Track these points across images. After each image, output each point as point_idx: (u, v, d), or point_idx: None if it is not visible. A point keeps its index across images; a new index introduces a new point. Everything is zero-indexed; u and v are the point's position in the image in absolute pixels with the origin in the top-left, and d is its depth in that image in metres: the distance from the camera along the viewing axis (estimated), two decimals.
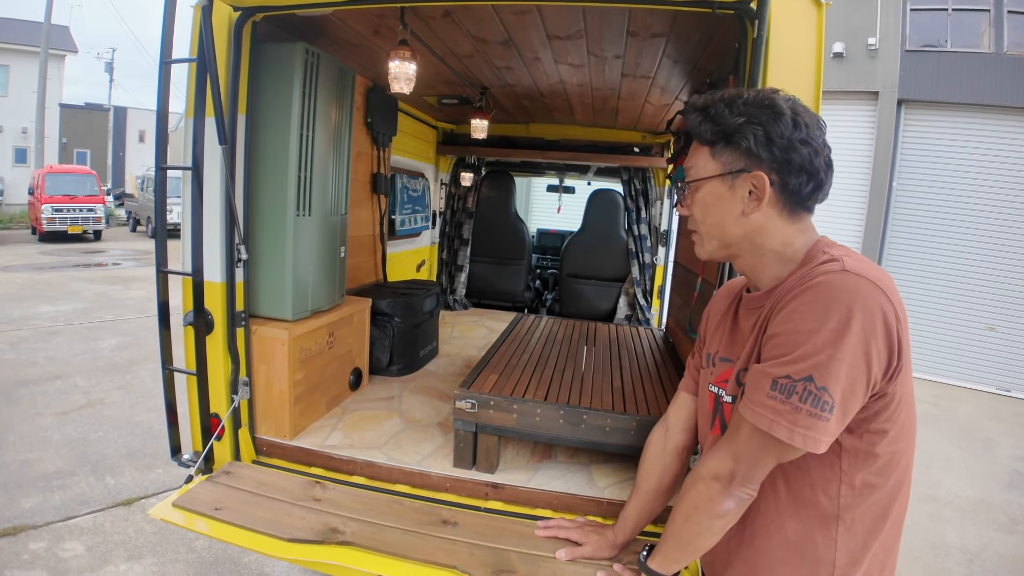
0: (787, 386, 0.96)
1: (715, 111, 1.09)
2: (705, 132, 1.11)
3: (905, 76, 8.32)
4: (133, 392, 5.17)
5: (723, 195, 1.11)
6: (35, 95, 19.77)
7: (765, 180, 1.06)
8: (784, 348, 0.98)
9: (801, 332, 0.96)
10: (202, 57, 1.79)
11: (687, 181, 1.18)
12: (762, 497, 1.11)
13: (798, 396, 0.95)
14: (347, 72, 2.50)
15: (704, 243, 1.19)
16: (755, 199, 1.09)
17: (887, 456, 1.02)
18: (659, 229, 4.57)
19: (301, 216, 2.23)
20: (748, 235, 1.11)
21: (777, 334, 1.01)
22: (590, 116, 3.95)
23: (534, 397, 2.11)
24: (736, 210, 1.11)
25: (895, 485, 1.05)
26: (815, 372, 0.94)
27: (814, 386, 0.93)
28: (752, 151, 1.06)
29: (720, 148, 1.10)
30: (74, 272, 10.97)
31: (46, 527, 3.17)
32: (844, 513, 1.03)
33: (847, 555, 1.05)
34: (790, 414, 0.96)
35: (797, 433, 0.96)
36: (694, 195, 1.17)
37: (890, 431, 1.01)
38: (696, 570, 1.60)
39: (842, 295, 0.94)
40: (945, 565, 3.50)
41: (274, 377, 2.21)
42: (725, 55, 2.14)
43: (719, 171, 1.11)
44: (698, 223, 1.18)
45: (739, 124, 1.06)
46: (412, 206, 3.99)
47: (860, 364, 0.93)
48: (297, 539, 1.64)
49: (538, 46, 2.44)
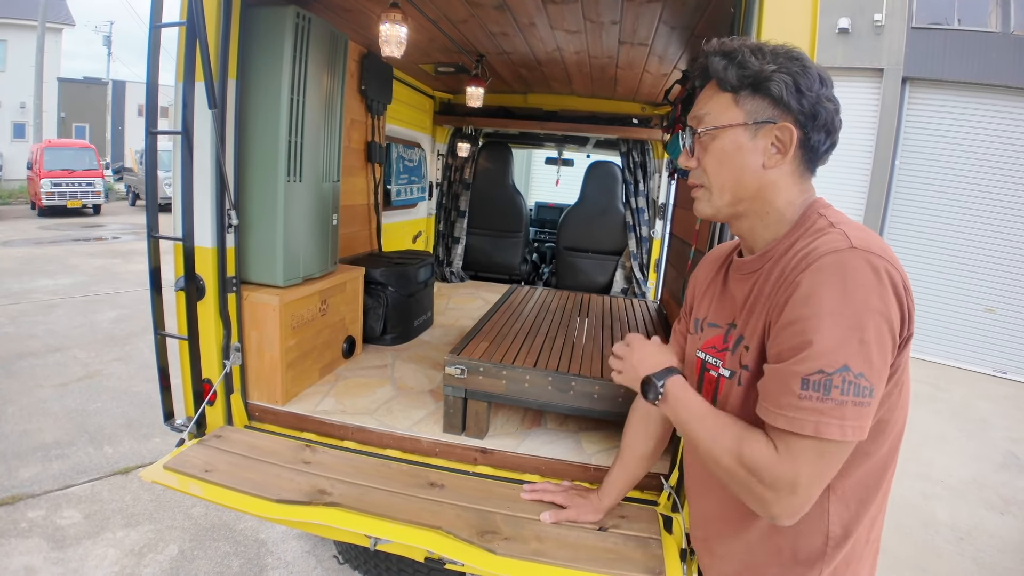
0: (822, 382, 0.90)
1: (742, 56, 1.03)
2: (731, 77, 1.04)
3: (910, 53, 8.22)
4: (131, 364, 5.20)
5: (744, 145, 1.05)
6: (33, 69, 19.64)
7: (793, 132, 1.02)
8: (804, 337, 0.93)
9: (823, 318, 0.91)
10: (191, 21, 1.76)
11: (704, 128, 1.08)
12: None
13: (839, 390, 0.90)
14: (339, 37, 2.47)
15: (713, 197, 1.11)
16: (778, 152, 1.04)
17: (883, 423, 1.01)
18: (657, 202, 4.54)
19: (292, 182, 2.22)
20: (760, 190, 1.07)
21: (793, 322, 0.95)
22: (588, 86, 3.91)
23: (524, 364, 2.11)
24: (756, 162, 1.05)
25: (888, 453, 1.04)
26: (850, 360, 0.89)
27: (851, 375, 0.89)
28: (783, 100, 1.01)
29: (746, 95, 1.04)
30: (73, 246, 10.97)
31: (44, 496, 3.20)
32: (836, 482, 1.02)
33: (840, 526, 1.05)
34: (836, 410, 0.90)
35: (848, 427, 0.90)
36: (710, 144, 1.08)
37: (892, 397, 1.00)
38: (680, 538, 1.61)
39: (858, 275, 0.91)
40: (935, 543, 3.52)
41: (266, 343, 2.21)
42: (722, 21, 2.10)
43: (742, 119, 1.04)
44: (710, 175, 1.10)
45: (770, 71, 1.01)
46: (408, 176, 3.97)
47: (886, 341, 0.91)
48: (285, 500, 1.65)
49: (533, 11, 2.41)
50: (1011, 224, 7.76)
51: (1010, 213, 7.76)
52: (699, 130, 1.09)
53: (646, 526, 1.65)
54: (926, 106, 8.28)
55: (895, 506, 3.82)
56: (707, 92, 1.09)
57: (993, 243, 7.88)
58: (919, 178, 8.30)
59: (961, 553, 3.45)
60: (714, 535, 1.24)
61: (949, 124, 8.14)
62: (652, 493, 1.85)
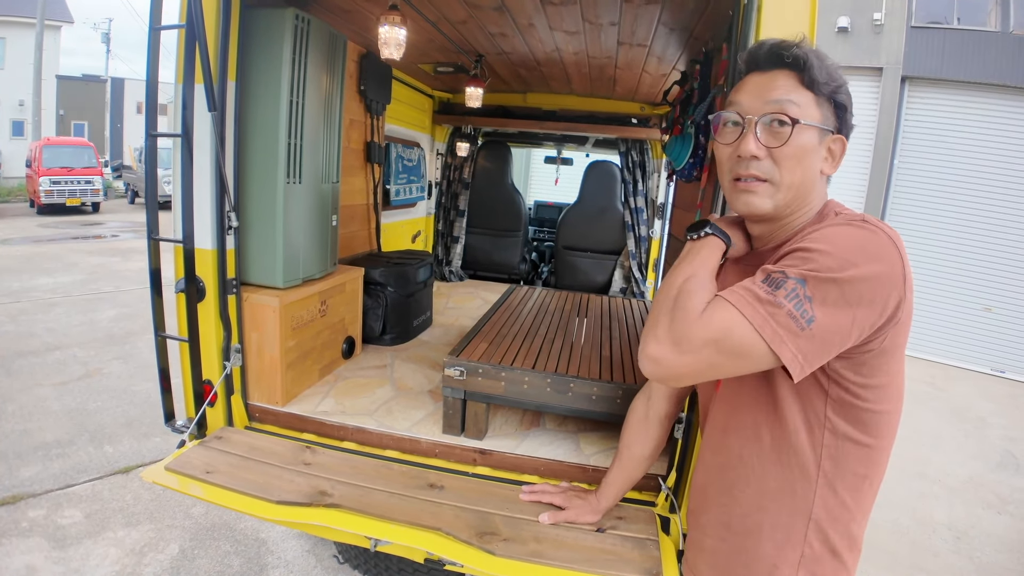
0: (778, 280, 0.92)
1: (828, 61, 1.03)
2: (821, 77, 1.02)
3: (910, 52, 8.22)
4: (131, 362, 5.21)
5: (816, 149, 1.04)
6: (32, 67, 19.58)
7: (845, 146, 1.06)
8: (789, 259, 0.96)
9: (814, 250, 0.93)
10: (191, 23, 1.77)
11: (801, 120, 1.02)
12: (744, 444, 1.11)
13: (784, 292, 0.91)
14: (338, 38, 2.47)
15: (779, 194, 1.06)
16: (831, 161, 1.07)
17: (873, 415, 1.01)
18: (655, 202, 4.55)
19: (291, 183, 2.22)
20: (810, 194, 1.08)
21: (788, 252, 0.98)
22: (587, 86, 3.91)
23: (523, 365, 2.12)
24: (817, 168, 1.06)
25: (879, 450, 1.05)
26: (809, 279, 0.90)
27: (803, 290, 0.90)
28: (844, 115, 1.05)
29: (823, 100, 1.04)
30: (72, 244, 10.98)
31: (45, 495, 3.22)
32: (825, 464, 1.03)
33: (824, 510, 1.05)
34: (769, 306, 0.91)
35: (768, 327, 0.91)
36: (795, 138, 1.02)
37: (878, 386, 1.00)
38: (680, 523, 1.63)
39: (875, 237, 0.93)
40: (932, 542, 3.54)
41: (266, 344, 2.22)
42: (720, 22, 2.11)
43: (821, 122, 1.04)
44: (783, 170, 1.04)
45: (843, 84, 1.04)
46: (407, 176, 3.97)
47: (867, 301, 0.90)
48: (286, 501, 1.66)
49: (532, 12, 2.41)
50: (1009, 223, 7.77)
51: (1008, 212, 7.77)
52: (796, 118, 1.02)
53: (644, 527, 1.67)
54: (925, 105, 8.29)
55: (892, 505, 3.83)
56: (787, 81, 1.04)
57: (991, 242, 7.89)
58: (918, 177, 8.31)
59: (958, 552, 3.46)
60: (699, 508, 1.26)
61: (948, 123, 8.14)
62: (650, 494, 1.87)
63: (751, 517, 1.11)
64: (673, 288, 1.03)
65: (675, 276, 1.06)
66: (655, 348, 0.97)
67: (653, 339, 0.98)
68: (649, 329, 1.01)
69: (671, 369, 0.97)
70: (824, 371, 0.99)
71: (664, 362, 0.96)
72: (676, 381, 0.98)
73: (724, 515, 1.16)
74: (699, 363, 0.95)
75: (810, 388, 1.01)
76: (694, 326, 0.94)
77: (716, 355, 0.94)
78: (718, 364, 0.95)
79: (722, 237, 1.14)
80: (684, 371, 0.97)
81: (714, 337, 0.93)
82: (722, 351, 0.93)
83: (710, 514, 1.20)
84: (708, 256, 1.10)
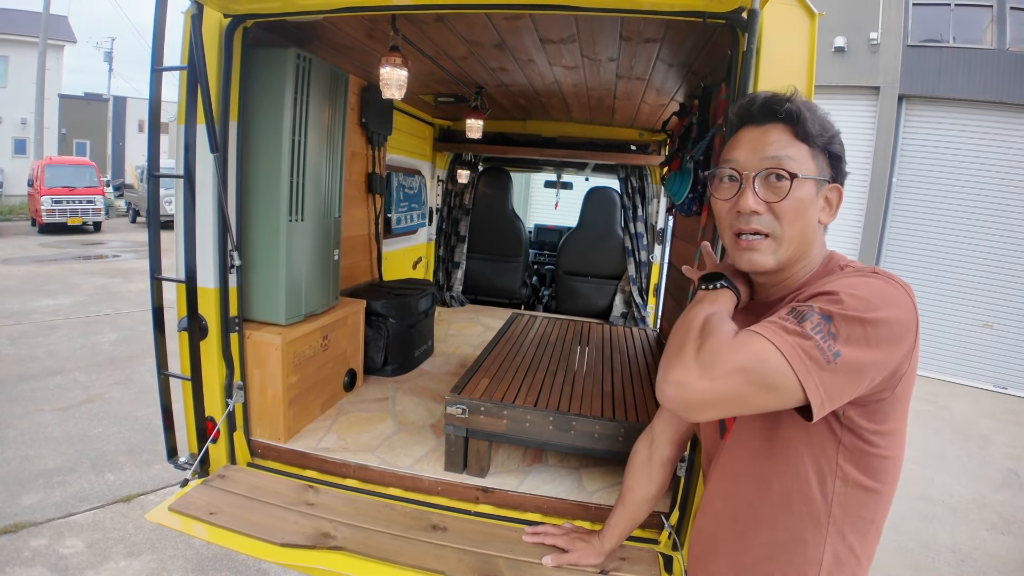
0: (804, 312, 0.92)
1: (819, 112, 1.05)
2: (814, 130, 1.04)
3: (906, 71, 8.29)
4: (132, 387, 5.21)
5: (814, 201, 1.05)
6: (34, 86, 19.72)
7: (842, 194, 1.07)
8: (812, 300, 0.96)
9: (837, 292, 0.93)
10: (192, 65, 1.79)
11: (798, 173, 1.03)
12: (755, 493, 1.11)
13: (811, 324, 0.90)
14: (340, 76, 2.50)
15: (781, 249, 1.06)
16: (828, 211, 1.08)
17: (883, 461, 1.02)
18: (655, 227, 4.57)
19: (294, 221, 2.24)
20: (811, 245, 1.09)
21: (809, 296, 0.98)
22: (587, 114, 3.95)
23: (525, 402, 2.13)
24: (815, 217, 1.07)
25: (886, 495, 1.05)
26: (835, 316, 0.90)
27: (828, 326, 0.90)
28: (839, 164, 1.07)
29: (817, 152, 1.05)
30: (74, 264, 10.99)
31: (47, 524, 3.21)
32: (836, 511, 1.03)
33: (833, 557, 1.05)
34: (798, 335, 0.90)
35: (797, 355, 0.89)
36: (793, 192, 1.03)
37: (889, 432, 1.00)
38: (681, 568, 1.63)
39: (891, 288, 0.94)
40: (936, 565, 3.52)
41: (268, 381, 2.22)
42: (720, 60, 2.14)
43: (817, 174, 1.05)
44: (784, 225, 1.05)
45: (836, 133, 1.06)
46: (408, 204, 4.00)
47: (881, 345, 0.91)
48: (289, 544, 1.67)
49: (531, 49, 2.44)
50: (1008, 240, 7.80)
51: (1007, 229, 7.80)
52: (793, 172, 1.03)
53: (646, 567, 1.67)
54: (923, 123, 8.34)
55: (896, 528, 3.82)
56: (782, 136, 1.05)
57: (990, 259, 7.92)
58: (916, 194, 8.34)
59: (962, 575, 3.44)
60: (706, 551, 1.25)
61: (946, 141, 8.19)
62: (652, 531, 1.87)
63: (761, 566, 1.11)
64: (698, 319, 1.03)
65: (696, 312, 1.06)
66: (681, 373, 0.94)
67: (680, 364, 0.96)
68: (673, 355, 0.98)
69: (696, 394, 0.93)
70: (837, 418, 0.99)
71: (690, 386, 0.93)
72: (698, 409, 0.95)
73: (735, 563, 1.16)
74: (726, 391, 0.92)
75: (823, 435, 1.02)
76: (726, 351, 0.93)
77: (745, 384, 0.91)
78: (744, 395, 0.92)
79: (734, 291, 1.15)
80: (709, 398, 0.93)
81: (746, 365, 0.91)
82: (752, 381, 0.91)
83: (720, 561, 1.20)
84: (723, 304, 1.11)
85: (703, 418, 1.00)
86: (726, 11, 1.60)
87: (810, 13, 1.63)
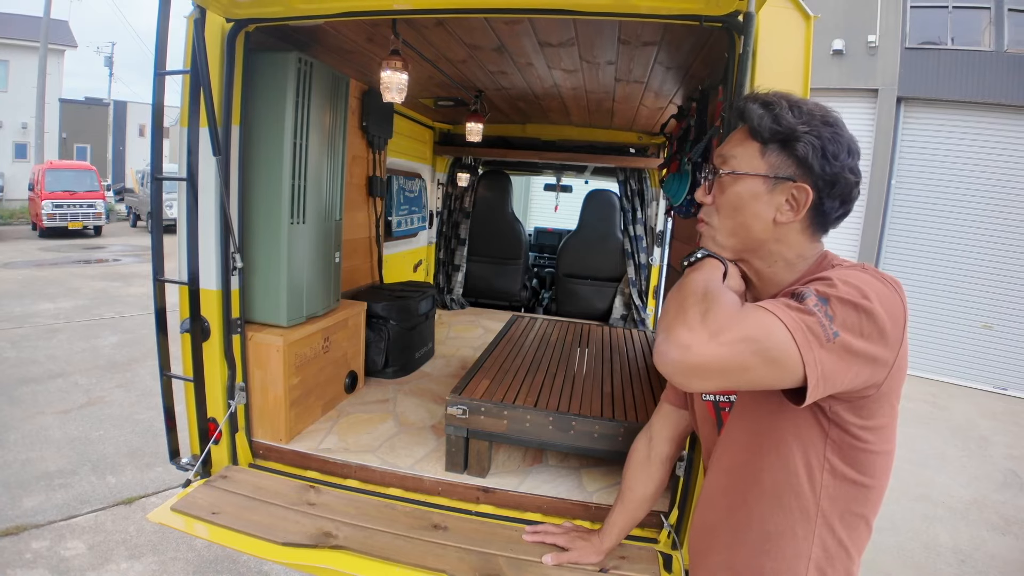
0: (802, 293, 0.94)
1: (779, 111, 1.04)
2: (764, 128, 1.05)
3: (905, 73, 8.31)
4: (133, 390, 5.22)
5: (760, 196, 1.06)
6: (35, 90, 19.76)
7: (809, 193, 1.04)
8: (810, 283, 0.97)
9: (832, 278, 0.95)
10: (195, 69, 1.81)
11: (727, 170, 1.09)
12: (748, 488, 1.13)
13: (812, 302, 0.92)
14: (341, 79, 2.52)
15: (718, 237, 1.12)
16: (791, 209, 1.06)
17: (871, 456, 1.03)
18: (655, 230, 4.59)
19: (295, 224, 2.26)
20: (767, 242, 1.09)
21: (806, 283, 0.99)
22: (586, 117, 3.97)
23: (525, 403, 2.14)
24: (767, 215, 1.06)
25: (877, 490, 1.07)
26: (831, 299, 0.92)
27: (825, 307, 0.91)
28: (806, 161, 1.03)
29: (773, 149, 1.05)
30: (74, 268, 11.01)
31: (48, 526, 3.21)
32: (824, 504, 1.05)
33: (822, 550, 1.07)
34: (801, 310, 0.91)
35: (800, 327, 0.89)
36: (729, 187, 1.09)
37: (876, 427, 1.01)
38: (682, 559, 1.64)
39: (880, 283, 0.95)
40: (937, 566, 3.53)
41: (270, 382, 2.24)
42: (717, 62, 2.16)
43: (765, 171, 1.06)
44: (720, 217, 1.11)
45: (802, 131, 1.03)
46: (409, 207, 4.01)
47: (872, 337, 0.91)
48: (291, 543, 1.68)
49: (531, 52, 2.47)
50: (1007, 241, 7.81)
51: (1006, 230, 7.81)
52: (721, 171, 1.10)
53: (646, 566, 1.68)
54: (921, 125, 8.36)
55: (896, 529, 3.82)
56: (738, 135, 1.10)
57: (989, 260, 7.93)
58: (916, 196, 8.36)
59: (962, 575, 3.45)
60: (703, 547, 1.27)
61: (944, 142, 8.21)
62: (652, 530, 1.88)
63: (755, 559, 1.13)
64: (696, 284, 1.01)
65: (692, 278, 1.04)
66: (686, 335, 0.91)
67: (684, 326, 0.93)
68: (675, 318, 0.95)
69: (700, 357, 0.90)
70: (824, 412, 1.01)
71: (695, 348, 0.90)
72: (697, 374, 0.92)
73: (730, 557, 1.18)
74: (731, 358, 0.90)
75: (811, 428, 1.03)
76: (733, 319, 0.92)
77: (750, 355, 0.90)
78: (747, 367, 0.90)
79: (718, 258, 1.13)
80: (712, 364, 0.90)
81: (754, 335, 0.90)
82: (757, 351, 0.90)
83: (720, 556, 1.21)
84: (712, 271, 1.09)
85: (696, 387, 0.98)
86: (722, 14, 1.62)
87: (805, 16, 1.65)
